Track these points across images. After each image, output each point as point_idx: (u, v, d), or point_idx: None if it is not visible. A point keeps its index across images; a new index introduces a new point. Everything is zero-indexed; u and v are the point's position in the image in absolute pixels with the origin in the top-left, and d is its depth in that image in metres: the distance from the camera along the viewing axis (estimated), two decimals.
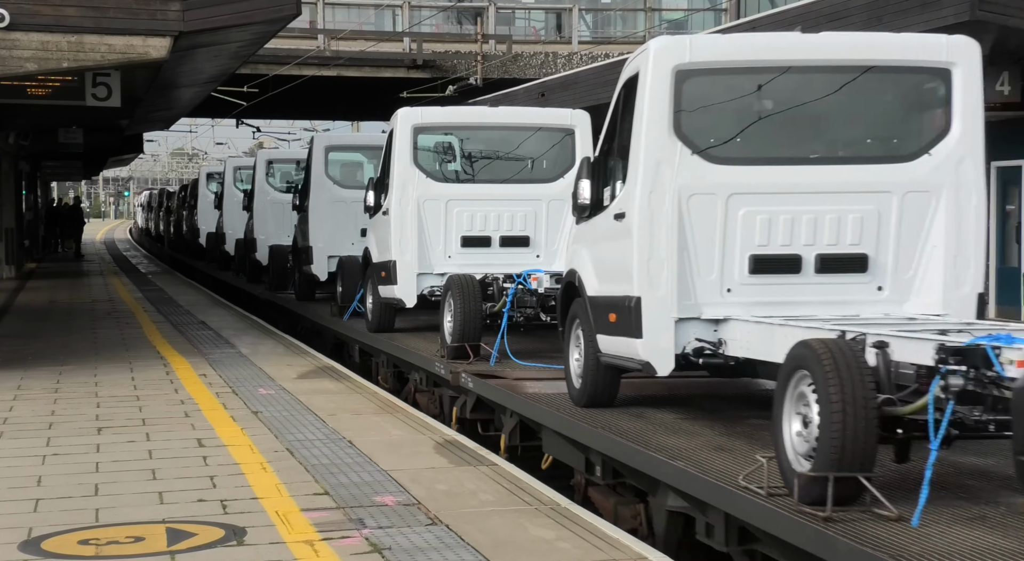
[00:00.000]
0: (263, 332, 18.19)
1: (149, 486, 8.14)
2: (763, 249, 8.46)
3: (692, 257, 8.46)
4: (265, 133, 55.53)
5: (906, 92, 8.90)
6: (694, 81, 8.54)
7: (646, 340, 8.45)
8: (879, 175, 8.51)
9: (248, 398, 11.79)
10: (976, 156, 8.51)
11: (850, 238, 8.49)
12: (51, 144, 29.07)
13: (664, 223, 8.42)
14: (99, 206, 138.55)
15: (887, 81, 8.68)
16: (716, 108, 8.71)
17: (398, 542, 6.69)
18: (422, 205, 13.99)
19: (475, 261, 13.82)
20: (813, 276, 8.49)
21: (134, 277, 32.68)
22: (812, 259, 8.48)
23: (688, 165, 8.44)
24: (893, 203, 8.48)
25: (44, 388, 12.60)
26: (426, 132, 14.34)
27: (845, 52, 8.73)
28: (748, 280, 8.45)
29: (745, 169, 8.52)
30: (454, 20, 41.44)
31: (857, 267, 8.52)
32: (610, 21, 45.08)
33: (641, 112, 8.54)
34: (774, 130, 8.76)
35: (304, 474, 8.43)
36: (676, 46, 8.61)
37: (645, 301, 8.44)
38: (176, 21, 13.06)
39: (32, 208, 45.12)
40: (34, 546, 6.74)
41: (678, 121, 8.47)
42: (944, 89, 8.54)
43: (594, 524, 7.15)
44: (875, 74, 8.60)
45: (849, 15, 15.85)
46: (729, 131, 8.69)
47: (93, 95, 15.29)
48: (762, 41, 9.24)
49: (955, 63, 8.53)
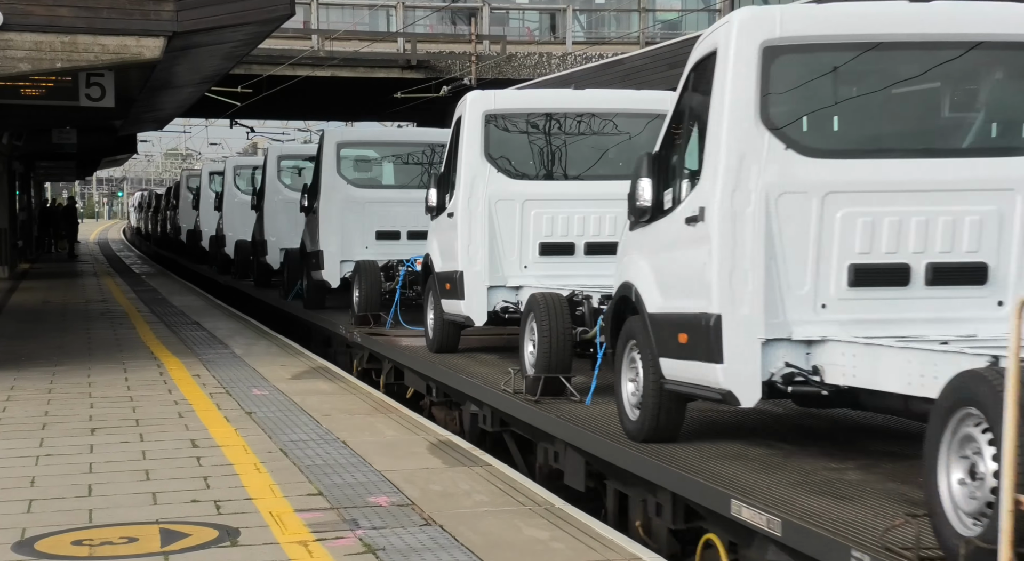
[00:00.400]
0: (257, 333, 18.18)
1: (143, 487, 8.13)
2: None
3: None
4: (259, 133, 55.51)
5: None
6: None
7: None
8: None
9: (242, 399, 11.78)
10: None
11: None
12: (45, 144, 29.05)
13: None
14: (93, 206, 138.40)
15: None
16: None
17: (392, 543, 6.69)
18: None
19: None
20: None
21: (128, 278, 32.65)
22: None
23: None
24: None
25: (37, 388, 12.58)
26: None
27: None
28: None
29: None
30: (448, 20, 41.45)
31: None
32: (604, 21, 45.11)
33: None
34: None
35: (298, 475, 8.42)
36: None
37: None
38: (170, 21, 13.04)
39: (26, 208, 45.07)
40: (27, 547, 6.74)
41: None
42: None
43: (588, 525, 7.15)
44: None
45: None
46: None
47: (87, 95, 15.27)
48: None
49: None
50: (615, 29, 42.77)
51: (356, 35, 34.69)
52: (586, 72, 25.25)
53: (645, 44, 33.62)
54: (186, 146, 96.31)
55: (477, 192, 12.06)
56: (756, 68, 7.21)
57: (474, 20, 35.58)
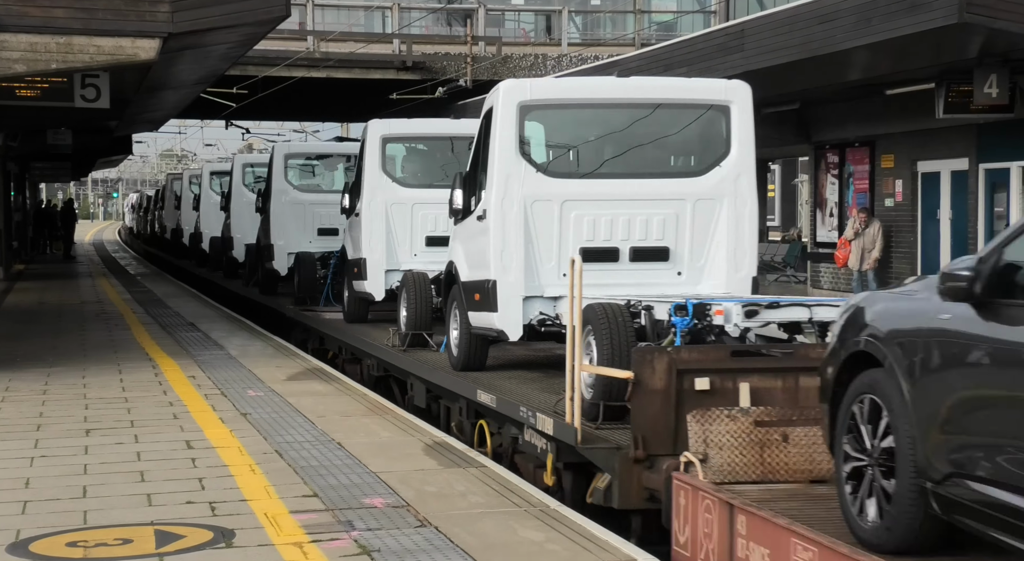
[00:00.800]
0: (252, 334, 18.17)
1: (137, 488, 8.13)
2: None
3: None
4: (254, 134, 55.43)
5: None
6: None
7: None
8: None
9: (237, 400, 11.78)
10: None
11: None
12: (40, 145, 28.99)
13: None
14: (88, 207, 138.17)
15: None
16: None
17: (387, 544, 6.69)
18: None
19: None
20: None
21: (123, 278, 32.62)
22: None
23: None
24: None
25: (32, 389, 12.57)
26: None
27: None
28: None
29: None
30: (444, 22, 41.43)
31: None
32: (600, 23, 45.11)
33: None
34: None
35: (293, 476, 8.42)
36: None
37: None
38: (165, 22, 13.03)
39: (20, 209, 45.02)
40: (22, 548, 6.73)
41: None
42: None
43: (584, 526, 7.15)
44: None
45: (838, 17, 15.88)
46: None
47: (82, 96, 15.23)
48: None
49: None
50: (611, 31, 42.78)
51: (351, 36, 34.65)
52: (581, 73, 25.24)
53: (640, 46, 33.63)
54: (181, 147, 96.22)
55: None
56: (515, 120, 10.95)
57: (469, 21, 35.57)
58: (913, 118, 19.31)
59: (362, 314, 16.62)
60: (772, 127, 22.69)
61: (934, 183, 20.23)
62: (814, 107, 21.76)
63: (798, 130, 22.68)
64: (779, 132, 22.74)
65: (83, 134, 28.95)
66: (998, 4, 13.88)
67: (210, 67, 18.90)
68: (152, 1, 12.97)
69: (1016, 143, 17.99)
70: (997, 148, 18.47)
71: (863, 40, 15.50)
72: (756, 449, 7.57)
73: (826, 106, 21.57)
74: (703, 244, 11.10)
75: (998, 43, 15.05)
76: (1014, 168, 18.32)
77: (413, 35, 36.02)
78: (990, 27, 14.07)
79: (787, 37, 17.10)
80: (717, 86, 11.40)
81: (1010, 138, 18.05)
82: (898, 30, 14.76)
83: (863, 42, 15.54)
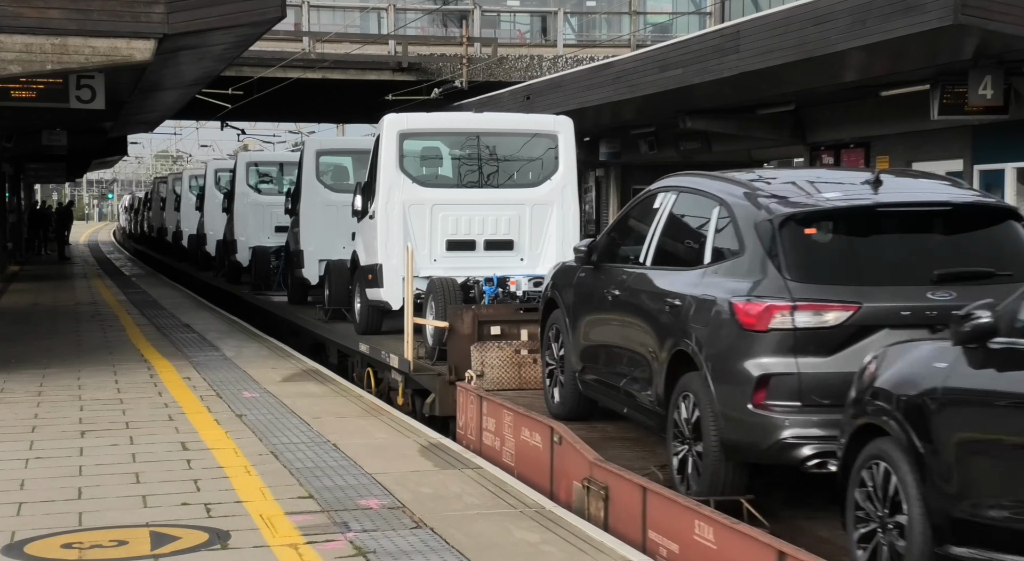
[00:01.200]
0: (247, 335, 18.16)
1: (133, 490, 8.12)
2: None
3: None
4: (250, 135, 55.42)
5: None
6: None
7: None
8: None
9: (232, 401, 11.77)
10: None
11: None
12: (35, 146, 28.94)
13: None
14: (83, 208, 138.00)
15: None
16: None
17: (383, 545, 6.68)
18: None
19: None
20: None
21: (118, 280, 32.59)
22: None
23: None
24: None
25: (27, 391, 12.56)
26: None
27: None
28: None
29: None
30: (439, 23, 41.42)
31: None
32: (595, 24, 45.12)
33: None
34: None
35: (288, 477, 8.42)
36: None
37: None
38: (160, 23, 13.01)
39: (15, 210, 44.96)
40: (17, 550, 6.72)
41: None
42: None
43: (579, 527, 7.15)
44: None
45: (833, 18, 15.88)
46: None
47: (77, 97, 15.20)
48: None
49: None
50: (606, 32, 42.80)
51: (347, 37, 34.63)
52: (577, 75, 25.26)
53: (636, 47, 33.64)
54: (177, 148, 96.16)
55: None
56: (396, 144, 14.72)
57: (465, 23, 35.55)
58: (908, 119, 19.32)
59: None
60: (767, 128, 22.71)
61: None
62: (809, 108, 21.76)
63: (793, 131, 22.67)
64: (774, 133, 22.74)
65: (78, 135, 28.90)
66: (993, 5, 13.89)
67: (205, 68, 18.88)
68: (147, 2, 12.95)
69: (1011, 144, 18.01)
70: (992, 149, 18.48)
71: (858, 41, 15.50)
72: (515, 368, 11.63)
73: (821, 107, 21.57)
74: (539, 237, 14.83)
75: (993, 44, 15.06)
76: (1009, 169, 18.34)
77: (409, 36, 36.00)
78: (985, 28, 14.07)
79: (782, 38, 17.10)
80: (548, 120, 15.48)
81: (1005, 139, 18.06)
82: (893, 31, 14.76)
83: (858, 43, 15.54)
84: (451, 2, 38.63)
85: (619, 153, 28.63)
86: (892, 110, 19.74)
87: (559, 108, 25.48)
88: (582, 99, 24.18)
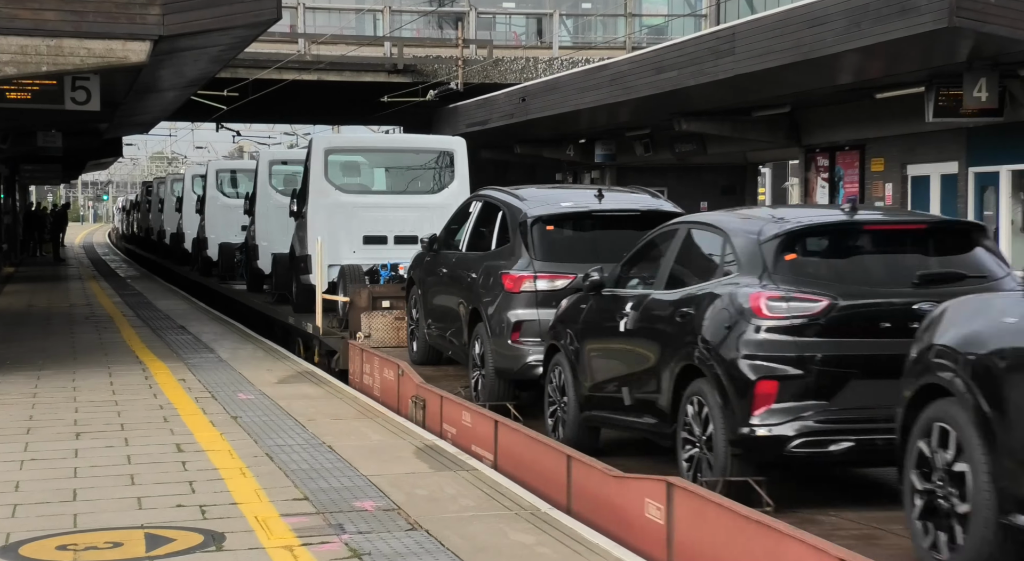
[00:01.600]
0: (243, 337, 18.16)
1: (127, 491, 8.11)
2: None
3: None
4: (245, 137, 55.39)
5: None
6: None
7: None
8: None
9: (227, 403, 11.76)
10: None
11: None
12: (30, 147, 28.90)
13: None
14: (78, 210, 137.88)
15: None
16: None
17: (378, 547, 6.68)
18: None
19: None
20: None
21: (113, 281, 32.58)
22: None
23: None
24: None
25: (22, 393, 12.55)
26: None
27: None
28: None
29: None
30: (435, 25, 41.45)
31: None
32: (591, 26, 45.15)
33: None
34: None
35: (283, 479, 8.42)
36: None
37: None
38: (156, 25, 13.00)
39: (10, 212, 44.92)
40: (12, 552, 6.72)
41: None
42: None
43: (575, 529, 7.15)
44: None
45: (828, 20, 15.91)
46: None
47: (72, 99, 15.19)
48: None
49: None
50: (601, 34, 42.82)
51: (342, 39, 34.66)
52: (572, 77, 25.27)
53: (631, 49, 33.65)
54: (172, 149, 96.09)
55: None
56: (322, 158, 18.71)
57: (461, 24, 35.57)
58: (903, 121, 19.34)
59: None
60: (763, 131, 22.71)
61: (924, 186, 20.27)
62: (804, 110, 21.79)
63: (788, 133, 22.69)
64: (769, 135, 22.76)
65: (73, 136, 28.88)
66: (988, 8, 13.91)
67: (201, 70, 18.89)
68: (143, 4, 12.94)
69: (1005, 146, 18.03)
70: (987, 151, 18.51)
71: (853, 44, 15.53)
72: (395, 331, 15.30)
73: (816, 109, 21.60)
74: None
75: (988, 47, 15.08)
76: (1003, 171, 18.36)
77: (404, 38, 36.02)
78: (980, 31, 14.10)
79: (777, 40, 17.13)
80: (446, 139, 20.16)
81: (1000, 142, 18.08)
82: (888, 34, 14.79)
83: (853, 46, 15.57)
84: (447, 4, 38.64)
85: (614, 155, 28.66)
86: (887, 112, 19.76)
87: (554, 110, 25.55)
88: (577, 101, 24.20)
